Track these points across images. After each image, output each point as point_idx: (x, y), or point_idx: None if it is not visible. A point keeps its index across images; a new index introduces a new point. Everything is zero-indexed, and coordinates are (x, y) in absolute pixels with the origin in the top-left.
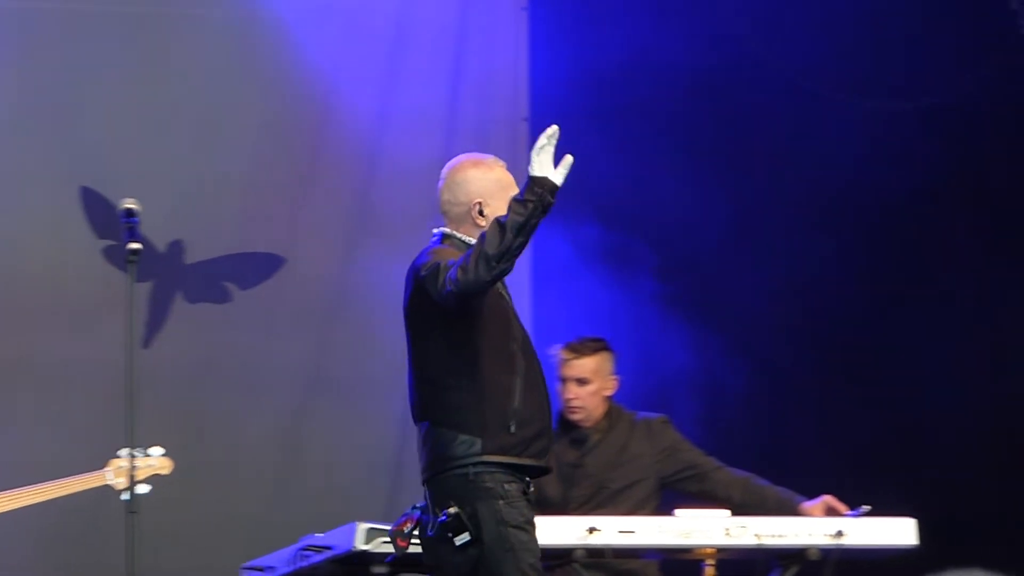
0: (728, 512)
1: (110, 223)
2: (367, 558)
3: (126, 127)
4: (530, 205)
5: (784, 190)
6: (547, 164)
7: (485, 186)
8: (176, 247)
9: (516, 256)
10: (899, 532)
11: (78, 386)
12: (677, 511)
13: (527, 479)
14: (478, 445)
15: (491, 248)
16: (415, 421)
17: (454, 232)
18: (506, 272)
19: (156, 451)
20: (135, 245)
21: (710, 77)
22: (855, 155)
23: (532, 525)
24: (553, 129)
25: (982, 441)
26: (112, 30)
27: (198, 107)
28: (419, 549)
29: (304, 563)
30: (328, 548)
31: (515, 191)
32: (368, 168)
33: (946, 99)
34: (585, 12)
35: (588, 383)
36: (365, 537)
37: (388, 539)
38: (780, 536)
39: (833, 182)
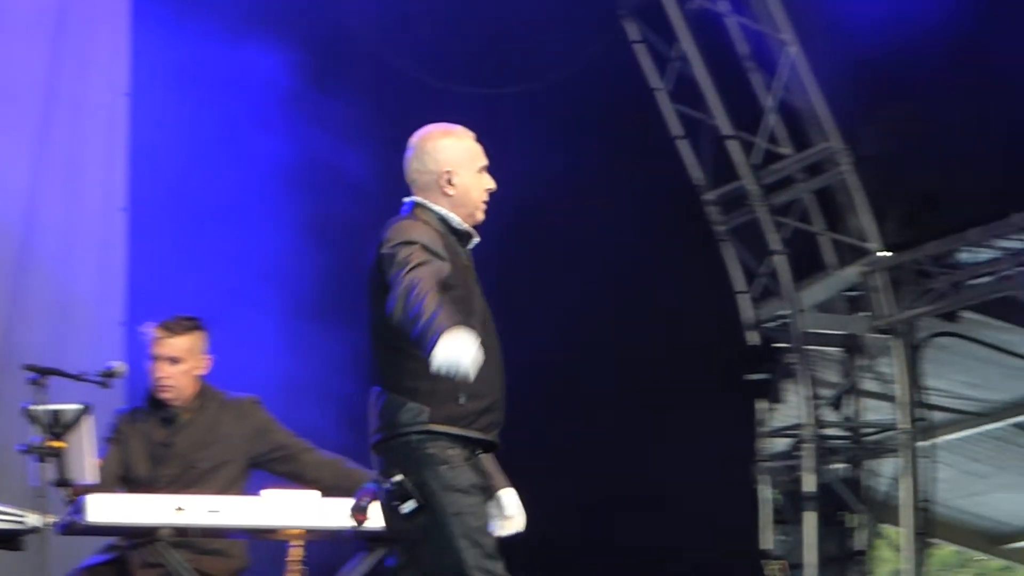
0: (317, 493)
1: None
2: None
3: None
4: (424, 350)
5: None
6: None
7: (456, 155)
8: None
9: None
10: None
11: None
12: (264, 491)
13: (475, 451)
14: (425, 414)
15: (405, 317)
16: (372, 385)
17: (424, 200)
18: None
19: None
20: None
21: (324, 55)
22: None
23: (479, 489)
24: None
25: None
26: None
27: None
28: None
29: None
30: None
31: (483, 162)
32: None
33: (557, 80)
34: None
35: (180, 362)
36: None
37: None
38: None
39: None
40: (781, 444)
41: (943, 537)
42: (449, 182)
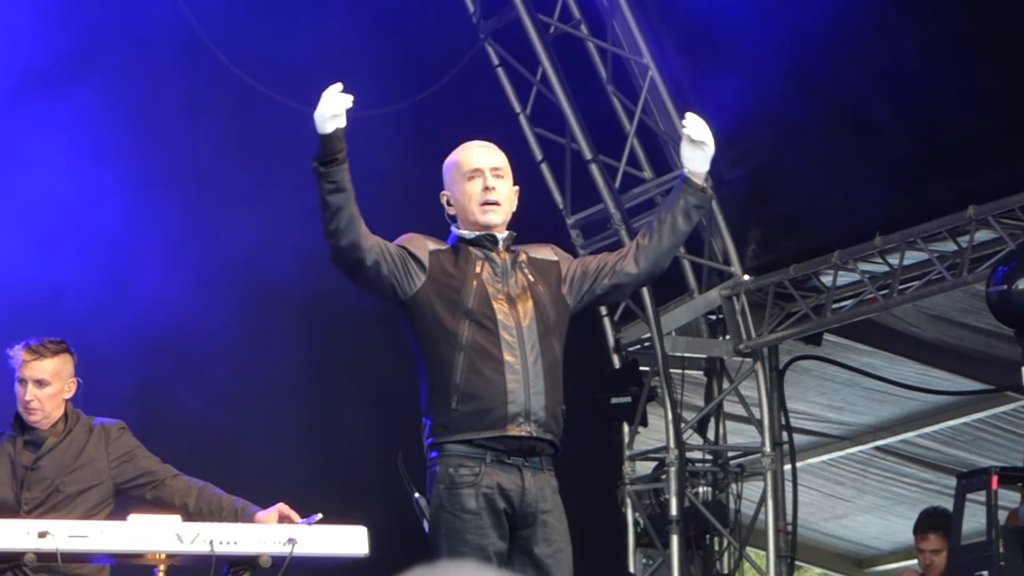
0: (180, 518)
1: None
2: None
3: None
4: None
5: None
6: (319, 119)
7: (446, 176)
8: None
9: (336, 236)
10: (351, 541)
11: None
12: (131, 516)
13: (505, 454)
14: (428, 427)
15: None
16: None
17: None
18: (341, 249)
19: None
20: None
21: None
22: None
23: (471, 513)
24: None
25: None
26: None
27: None
28: None
29: None
30: None
31: (471, 166)
32: None
33: (417, 102)
34: None
35: (47, 385)
36: None
37: None
38: (233, 543)
39: None
40: (647, 467)
41: (808, 560)
42: (448, 204)
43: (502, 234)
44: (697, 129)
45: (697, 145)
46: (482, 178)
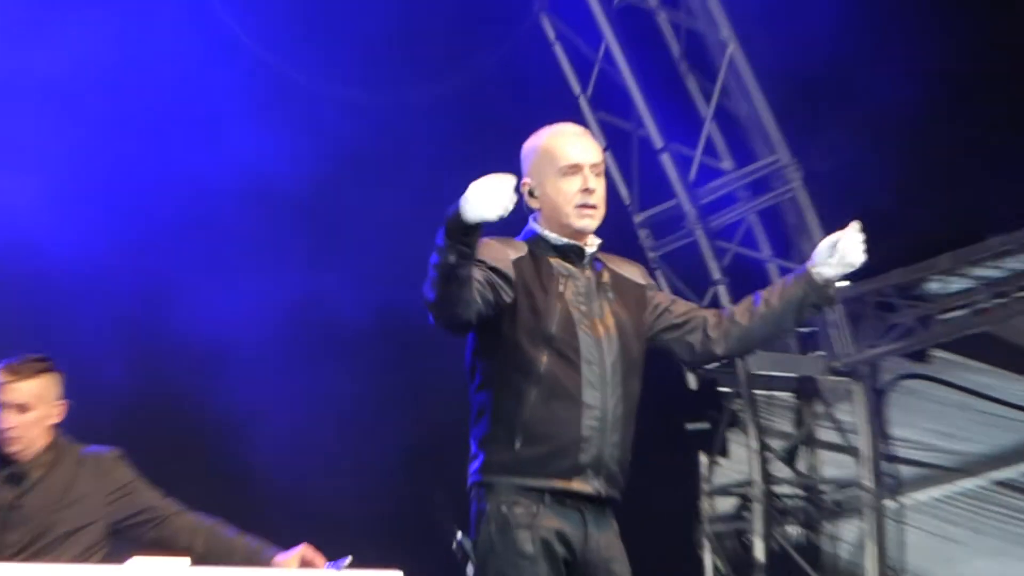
0: (188, 561)
1: None
2: None
3: None
4: (439, 251)
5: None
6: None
7: (532, 162)
8: None
9: (453, 307)
10: None
11: None
12: (132, 559)
13: (560, 500)
14: (480, 461)
15: (427, 290)
16: None
17: (530, 221)
18: (449, 317)
19: None
20: None
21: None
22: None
23: (527, 559)
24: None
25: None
26: None
27: None
28: None
29: None
30: None
31: (568, 160)
32: None
33: (466, 82)
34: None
35: (29, 409)
36: None
37: None
38: None
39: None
40: (728, 504)
41: None
42: (531, 194)
43: (591, 248)
44: (853, 248)
45: (843, 260)
46: (581, 176)
